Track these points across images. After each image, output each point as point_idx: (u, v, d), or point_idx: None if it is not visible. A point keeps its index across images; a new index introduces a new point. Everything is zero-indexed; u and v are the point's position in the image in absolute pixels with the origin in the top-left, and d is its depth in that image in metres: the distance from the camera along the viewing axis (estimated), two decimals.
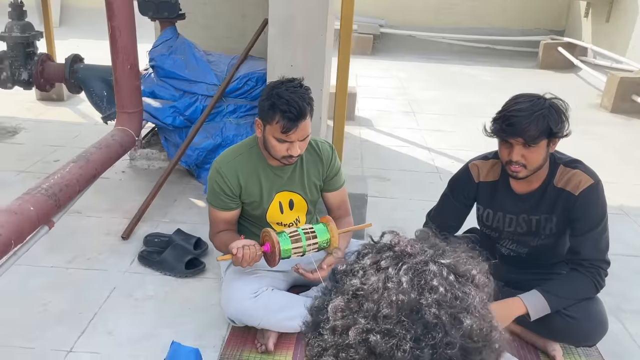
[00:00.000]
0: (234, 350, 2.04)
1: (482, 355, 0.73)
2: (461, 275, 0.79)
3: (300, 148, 1.99)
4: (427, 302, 0.73)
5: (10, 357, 1.99)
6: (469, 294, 0.75)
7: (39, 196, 2.11)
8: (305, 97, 1.95)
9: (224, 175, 2.06)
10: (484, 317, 0.75)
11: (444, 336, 0.71)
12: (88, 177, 2.44)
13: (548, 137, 1.92)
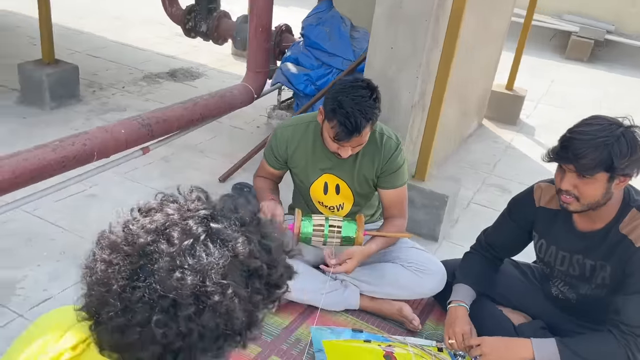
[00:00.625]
0: None
1: (190, 311, 0.76)
2: (216, 240, 0.82)
3: (352, 152, 2.00)
4: (158, 248, 0.80)
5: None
6: (209, 258, 0.79)
7: (134, 123, 2.50)
8: (367, 111, 1.89)
9: (277, 138, 2.18)
10: (217, 283, 0.78)
11: (156, 282, 0.77)
12: (189, 119, 2.79)
13: (607, 171, 1.61)
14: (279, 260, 0.89)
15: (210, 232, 0.82)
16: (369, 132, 1.97)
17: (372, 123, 1.95)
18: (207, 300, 0.77)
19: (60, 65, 3.95)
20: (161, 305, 0.76)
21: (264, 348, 1.95)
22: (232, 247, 0.82)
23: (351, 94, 1.90)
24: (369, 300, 2.19)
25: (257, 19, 3.12)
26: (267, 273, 0.86)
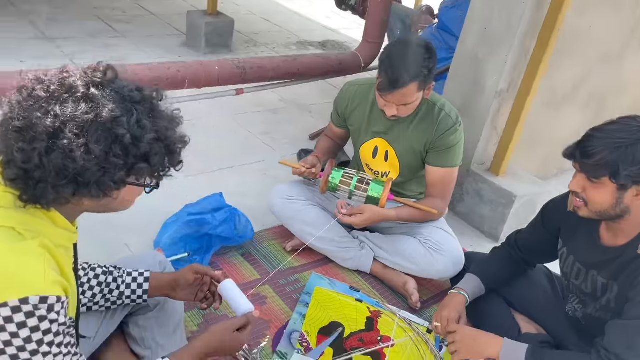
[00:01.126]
0: (272, 236, 2.35)
1: (42, 146, 0.95)
2: (89, 101, 1.00)
3: (398, 111, 1.97)
4: (38, 93, 1.01)
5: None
6: (74, 111, 0.97)
7: (229, 63, 2.79)
8: (412, 67, 1.85)
9: (341, 95, 2.25)
10: (72, 132, 0.96)
11: (24, 118, 0.98)
12: (286, 72, 3.00)
13: (613, 177, 1.42)
14: (151, 138, 1.02)
15: (88, 93, 0.99)
16: (414, 92, 1.91)
17: (420, 83, 1.89)
18: (57, 141, 0.95)
19: (220, 17, 4.47)
20: (23, 136, 0.96)
21: (263, 276, 2.10)
22: (99, 111, 0.98)
23: (402, 46, 1.90)
24: (381, 268, 2.18)
25: None
26: (131, 143, 1.00)
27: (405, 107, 1.97)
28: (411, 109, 1.99)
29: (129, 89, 1.05)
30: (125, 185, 1.06)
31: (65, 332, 1.04)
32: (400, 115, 1.99)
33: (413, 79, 1.87)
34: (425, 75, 1.90)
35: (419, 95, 1.95)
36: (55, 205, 1.05)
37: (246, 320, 1.46)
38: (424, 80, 1.90)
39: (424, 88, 1.95)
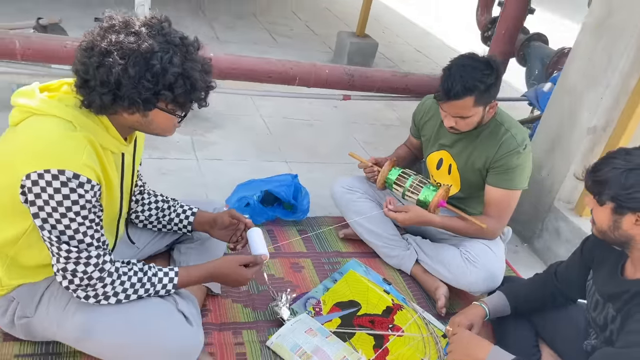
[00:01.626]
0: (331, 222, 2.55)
1: (95, 61, 1.31)
2: (137, 36, 1.34)
3: (456, 124, 2.01)
4: (103, 26, 1.37)
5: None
6: (123, 41, 1.33)
7: (339, 68, 3.08)
8: (468, 79, 1.89)
9: (418, 107, 2.39)
10: (118, 55, 1.31)
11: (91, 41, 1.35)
12: (392, 86, 3.18)
13: (598, 195, 1.45)
14: (177, 73, 1.31)
15: (138, 30, 1.32)
16: (469, 106, 1.95)
17: (476, 97, 1.92)
18: (105, 60, 1.29)
19: (365, 39, 4.82)
20: (86, 54, 1.32)
21: (309, 251, 2.30)
22: (141, 44, 1.31)
23: (463, 61, 1.96)
24: (421, 271, 2.25)
25: (504, 22, 3.23)
26: (160, 73, 1.31)
27: (462, 121, 2.00)
28: (470, 123, 2.02)
29: (172, 34, 1.35)
30: (153, 108, 1.36)
31: (91, 211, 1.35)
32: (458, 128, 2.04)
33: (467, 91, 1.91)
34: (482, 90, 1.92)
35: (476, 110, 1.98)
36: (107, 114, 1.39)
37: (254, 259, 1.69)
38: (480, 95, 1.93)
39: (482, 104, 1.97)
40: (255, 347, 1.79)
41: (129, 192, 1.65)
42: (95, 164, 1.36)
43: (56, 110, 1.35)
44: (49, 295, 1.50)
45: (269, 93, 3.24)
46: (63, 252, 1.34)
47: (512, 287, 1.99)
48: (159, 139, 2.94)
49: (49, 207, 1.29)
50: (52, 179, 1.27)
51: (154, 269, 1.54)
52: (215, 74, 2.73)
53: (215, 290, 1.94)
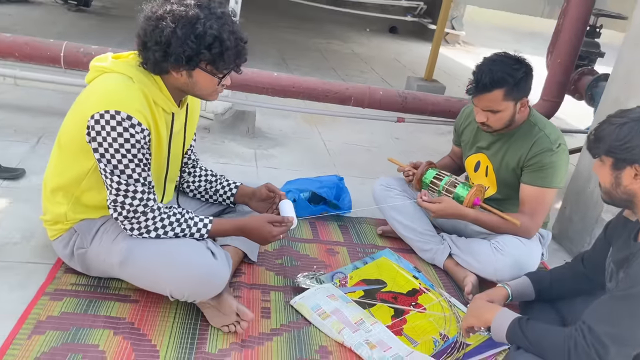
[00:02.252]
0: (372, 222, 2.68)
1: (151, 25, 1.65)
2: (187, 6, 1.66)
3: (487, 119, 2.09)
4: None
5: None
6: (174, 10, 1.64)
7: (393, 91, 3.30)
8: (498, 72, 1.98)
9: (459, 115, 2.53)
10: (169, 19, 1.63)
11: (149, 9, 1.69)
12: (445, 109, 3.33)
13: (611, 156, 1.52)
14: (214, 35, 1.59)
15: (188, 3, 1.63)
16: (499, 99, 2.02)
17: (505, 90, 2.01)
18: (160, 23, 1.60)
19: (433, 83, 5.03)
20: (146, 20, 1.63)
21: (345, 241, 2.44)
22: (188, 11, 1.60)
23: (494, 57, 2.09)
24: (453, 265, 2.29)
25: (558, 50, 3.32)
26: (201, 35, 1.59)
27: (493, 116, 2.09)
28: (501, 119, 2.10)
29: (216, 8, 1.64)
30: (196, 67, 1.63)
31: (140, 151, 1.61)
32: (490, 124, 2.12)
33: (496, 84, 2.01)
34: (511, 84, 2.01)
35: (507, 105, 2.06)
36: (160, 74, 1.68)
37: (282, 219, 1.87)
38: (509, 89, 2.02)
39: (512, 99, 2.05)
40: (279, 305, 1.93)
41: (177, 157, 1.91)
42: (147, 113, 1.64)
43: (121, 68, 1.66)
44: (103, 230, 1.77)
45: (326, 112, 3.50)
46: (114, 184, 1.61)
47: (537, 272, 2.00)
48: (225, 149, 3.27)
49: (106, 143, 1.58)
50: (110, 119, 1.56)
51: (190, 214, 1.77)
52: (277, 91, 3.07)
53: (253, 258, 2.12)
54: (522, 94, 2.09)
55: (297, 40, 7.46)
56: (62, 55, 2.97)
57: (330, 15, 9.05)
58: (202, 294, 1.72)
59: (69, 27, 5.60)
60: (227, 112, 3.46)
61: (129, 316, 1.75)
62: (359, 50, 7.46)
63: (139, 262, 1.67)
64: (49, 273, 1.88)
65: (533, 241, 2.21)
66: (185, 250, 1.68)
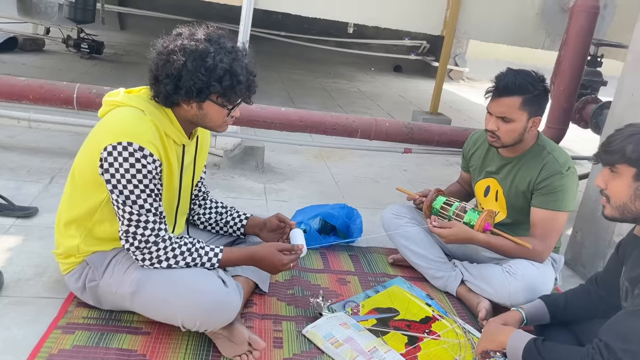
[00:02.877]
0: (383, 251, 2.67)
1: (162, 59, 1.70)
2: (197, 41, 1.72)
3: (498, 128, 2.11)
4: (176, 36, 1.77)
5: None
6: (186, 45, 1.71)
7: (399, 123, 3.34)
8: (520, 80, 2.05)
9: (467, 141, 2.56)
10: (179, 53, 1.69)
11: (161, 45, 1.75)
12: (452, 139, 3.36)
13: (624, 159, 1.48)
14: (224, 69, 1.64)
15: (199, 37, 1.68)
16: (515, 107, 2.06)
17: (523, 99, 2.05)
18: (171, 57, 1.65)
19: (438, 116, 5.08)
20: (158, 55, 1.69)
21: (357, 270, 2.43)
22: (198, 46, 1.66)
23: (519, 69, 2.13)
24: (465, 291, 2.27)
25: (561, 77, 3.37)
26: (212, 69, 1.64)
27: (505, 125, 2.10)
28: (511, 131, 2.11)
29: (226, 42, 1.69)
30: (206, 99, 1.68)
31: (152, 181, 1.65)
32: (500, 135, 2.12)
33: (517, 89, 2.05)
34: (530, 95, 2.06)
35: (521, 116, 2.08)
36: (171, 106, 1.72)
37: (292, 247, 1.88)
38: (528, 99, 2.06)
39: (527, 110, 2.07)
40: (291, 334, 1.91)
41: (188, 189, 1.94)
42: (159, 144, 1.68)
43: (133, 101, 1.72)
44: (115, 262, 1.78)
45: (333, 145, 3.54)
46: (126, 214, 1.63)
47: (552, 295, 1.97)
48: (235, 184, 3.30)
49: (118, 174, 1.61)
50: (123, 150, 1.60)
51: (202, 243, 1.78)
52: (285, 126, 3.12)
53: (264, 288, 2.12)
54: (536, 111, 2.12)
55: (303, 80, 7.60)
56: (75, 96, 3.05)
57: (336, 56, 9.25)
58: (214, 323, 1.71)
59: (81, 73, 5.77)
60: (236, 148, 3.51)
61: (140, 348, 1.74)
62: (364, 89, 7.58)
63: (150, 292, 1.68)
64: (61, 307, 1.89)
65: (546, 265, 2.19)
66: (197, 278, 1.69)
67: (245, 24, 3.59)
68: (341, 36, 9.07)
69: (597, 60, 4.55)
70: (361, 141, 3.46)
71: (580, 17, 3.29)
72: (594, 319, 1.84)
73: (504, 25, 4.84)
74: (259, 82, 1.76)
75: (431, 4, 4.71)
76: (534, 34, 4.90)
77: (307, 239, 1.99)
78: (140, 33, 8.71)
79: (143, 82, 1.73)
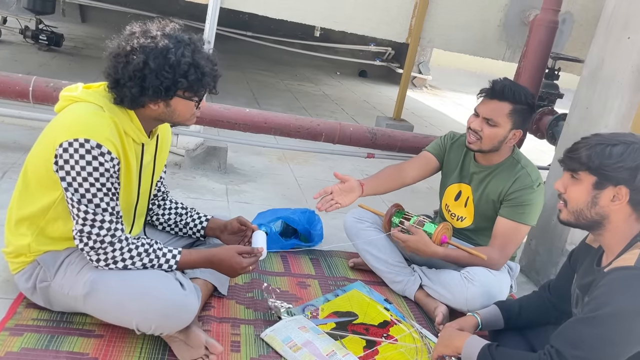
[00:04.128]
0: (344, 255, 2.68)
1: (122, 60, 1.65)
2: (152, 38, 1.66)
3: (482, 129, 2.15)
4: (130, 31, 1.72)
5: None
6: (143, 44, 1.65)
7: (363, 128, 3.36)
8: (515, 89, 2.13)
9: (450, 133, 2.50)
10: (140, 53, 1.64)
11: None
12: (414, 145, 3.41)
13: (586, 167, 1.51)
14: (188, 63, 1.61)
15: (154, 34, 1.63)
16: (504, 113, 2.12)
17: (513, 107, 2.11)
18: (130, 58, 1.60)
19: (401, 122, 5.14)
20: (115, 57, 1.63)
21: (317, 274, 2.43)
22: (157, 43, 1.62)
23: (515, 82, 2.22)
24: (423, 296, 2.30)
25: None
26: (176, 64, 1.61)
27: (489, 129, 2.14)
28: (492, 136, 2.15)
29: (181, 35, 1.65)
30: (174, 96, 1.64)
31: (109, 180, 1.59)
32: (482, 137, 2.15)
33: (511, 95, 2.11)
34: (520, 106, 2.12)
35: (505, 124, 2.13)
36: (135, 108, 1.68)
37: (251, 250, 1.86)
38: (517, 109, 2.12)
39: (513, 120, 2.12)
40: (250, 338, 1.90)
41: (147, 189, 1.90)
42: (117, 142, 1.63)
43: (91, 97, 1.66)
44: (67, 262, 1.72)
45: (297, 147, 3.53)
46: (81, 213, 1.58)
47: (506, 301, 2.02)
48: (196, 185, 3.25)
49: (74, 172, 1.56)
50: (79, 147, 1.55)
51: (159, 245, 1.74)
52: (249, 127, 3.09)
53: (223, 291, 2.09)
54: (520, 124, 2.17)
55: (268, 81, 7.57)
56: (31, 90, 2.95)
57: (302, 58, 9.25)
58: (170, 327, 1.67)
59: (39, 66, 5.59)
60: (198, 148, 3.47)
61: (92, 351, 1.69)
62: (329, 92, 7.60)
63: (104, 294, 1.63)
64: (10, 308, 1.82)
65: (502, 272, 2.24)
66: (153, 280, 1.65)
67: (211, 23, 3.55)
68: (308, 39, 9.08)
69: (555, 73, 4.70)
70: (325, 145, 3.47)
71: (540, 30, 3.39)
72: (546, 325, 1.89)
73: (467, 36, 4.94)
74: (224, 82, 1.74)
75: (397, 12, 4.77)
76: (496, 45, 5.03)
77: (268, 241, 1.98)
78: (102, 27, 8.50)
79: (103, 77, 1.68)
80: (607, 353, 1.37)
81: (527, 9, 4.91)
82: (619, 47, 2.44)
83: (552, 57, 4.41)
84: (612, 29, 2.49)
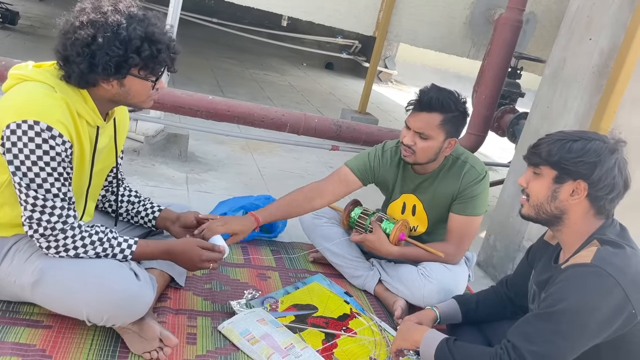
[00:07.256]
0: (305, 248, 2.65)
1: (71, 37, 1.56)
2: (103, 13, 1.57)
3: (415, 144, 2.08)
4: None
5: None
6: (93, 19, 1.57)
7: (328, 119, 3.34)
8: (443, 98, 2.04)
9: (377, 151, 2.36)
10: (87, 29, 1.55)
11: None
12: (379, 138, 3.39)
13: (547, 161, 1.52)
14: (141, 37, 1.52)
15: (105, 10, 1.54)
16: (435, 124, 2.04)
17: (443, 118, 2.04)
18: (78, 33, 1.52)
19: (366, 116, 5.15)
20: (64, 34, 1.55)
21: (278, 266, 2.40)
22: (108, 17, 1.53)
23: (443, 88, 2.12)
24: (383, 290, 2.30)
25: (484, 86, 3.50)
26: (127, 40, 1.53)
27: (421, 142, 2.07)
28: (426, 149, 2.09)
29: (135, 11, 1.57)
30: (127, 74, 1.56)
31: (60, 164, 1.51)
32: (416, 151, 2.10)
33: (439, 106, 2.03)
34: (450, 114, 2.06)
35: (438, 135, 2.07)
36: (88, 87, 1.60)
37: (213, 246, 1.80)
38: (448, 118, 2.05)
39: (445, 130, 2.07)
40: (206, 330, 1.85)
41: (101, 175, 1.82)
42: (69, 124, 1.55)
43: (42, 77, 1.57)
44: (15, 249, 1.64)
45: (260, 137, 3.48)
46: (30, 199, 1.50)
47: (464, 295, 2.04)
48: (155, 172, 3.16)
49: (22, 155, 1.47)
50: (28, 129, 1.46)
51: (114, 233, 1.67)
52: (212, 115, 3.02)
53: (180, 282, 2.03)
54: (454, 132, 2.12)
55: (233, 69, 7.46)
56: None
57: (268, 48, 9.14)
58: (123, 318, 1.61)
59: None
60: (158, 135, 3.37)
61: (40, 343, 1.61)
62: (295, 83, 7.55)
63: (54, 282, 1.55)
64: None
65: (459, 266, 2.26)
66: (106, 270, 1.59)
67: (175, 7, 3.44)
68: (274, 28, 8.98)
69: (517, 72, 4.78)
70: (290, 135, 3.43)
71: (504, 29, 3.43)
72: (503, 319, 1.92)
73: (433, 32, 4.97)
74: (187, 69, 1.68)
75: (365, 5, 4.75)
76: (461, 42, 5.08)
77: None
78: (61, 6, 8.13)
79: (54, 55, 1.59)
80: (562, 348, 1.39)
81: (493, 8, 4.97)
82: (580, 48, 2.49)
83: (515, 56, 4.48)
84: (574, 29, 2.53)
